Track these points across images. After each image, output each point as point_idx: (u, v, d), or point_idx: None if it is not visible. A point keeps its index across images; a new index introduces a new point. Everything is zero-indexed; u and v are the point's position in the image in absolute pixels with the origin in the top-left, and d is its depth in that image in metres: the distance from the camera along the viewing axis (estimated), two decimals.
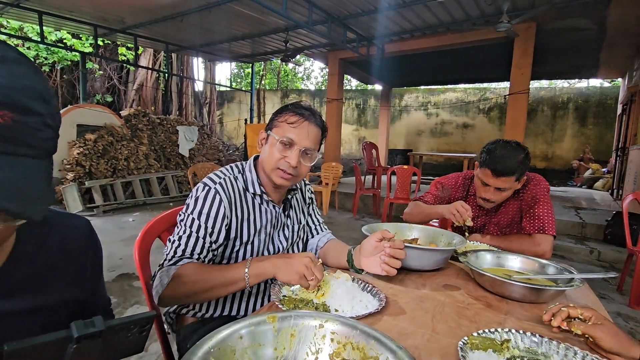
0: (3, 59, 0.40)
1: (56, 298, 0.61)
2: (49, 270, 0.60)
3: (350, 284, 0.94)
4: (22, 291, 0.56)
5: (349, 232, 4.71)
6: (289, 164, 1.01)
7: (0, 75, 0.39)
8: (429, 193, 1.75)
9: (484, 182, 1.46)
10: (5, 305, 0.54)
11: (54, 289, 0.61)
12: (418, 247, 1.10)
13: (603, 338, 0.68)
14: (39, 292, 0.58)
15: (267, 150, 1.05)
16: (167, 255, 0.95)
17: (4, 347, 0.42)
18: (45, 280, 0.60)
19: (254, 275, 0.89)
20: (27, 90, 0.41)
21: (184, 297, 0.92)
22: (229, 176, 1.05)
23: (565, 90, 10.33)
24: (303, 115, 1.03)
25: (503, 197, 1.48)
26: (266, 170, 1.05)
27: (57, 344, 0.46)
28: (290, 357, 0.57)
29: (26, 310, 0.56)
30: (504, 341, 0.71)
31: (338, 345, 0.58)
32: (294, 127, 1.01)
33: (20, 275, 0.55)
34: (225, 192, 1.01)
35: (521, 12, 5.09)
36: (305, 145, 1.02)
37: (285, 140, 1.01)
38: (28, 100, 0.41)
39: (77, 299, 0.65)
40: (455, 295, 0.99)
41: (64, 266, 0.63)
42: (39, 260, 0.58)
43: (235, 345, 0.53)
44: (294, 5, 4.98)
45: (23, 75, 0.41)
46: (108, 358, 0.53)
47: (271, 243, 1.11)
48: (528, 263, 1.12)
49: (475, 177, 1.53)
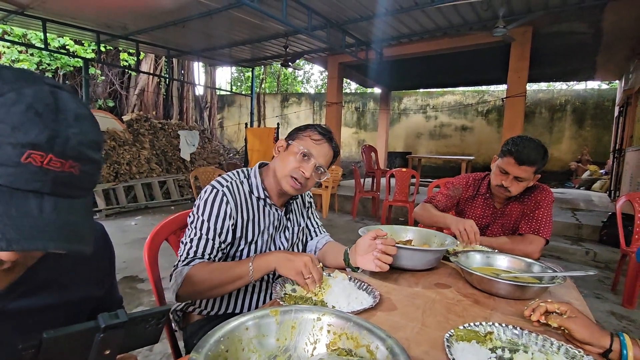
0: (77, 117, 0.46)
1: (78, 295, 0.67)
2: (71, 270, 0.67)
3: (347, 283, 1.01)
4: (47, 288, 0.62)
5: (348, 235, 4.77)
6: (303, 174, 1.09)
7: (75, 133, 0.45)
8: (440, 193, 1.78)
9: (505, 171, 1.49)
10: (34, 300, 0.60)
11: (76, 287, 0.67)
12: (411, 248, 1.17)
13: (577, 329, 0.75)
14: (62, 289, 0.65)
15: (284, 158, 1.12)
16: (181, 256, 1.03)
17: (43, 334, 0.48)
18: (68, 278, 0.66)
19: (258, 269, 0.97)
20: (91, 144, 0.48)
21: (197, 293, 1.00)
22: (235, 180, 1.13)
23: (563, 92, 10.41)
24: (325, 137, 1.13)
25: (519, 188, 1.51)
26: (278, 175, 1.12)
27: (87, 333, 0.53)
28: (291, 347, 0.64)
29: (52, 305, 0.63)
30: (487, 333, 0.77)
31: (334, 336, 0.65)
32: (316, 144, 1.11)
33: (46, 274, 0.62)
34: (231, 195, 1.08)
35: (517, 17, 5.17)
36: (320, 162, 1.12)
37: (306, 152, 1.09)
38: (92, 152, 0.48)
39: (96, 296, 0.72)
40: (445, 292, 1.05)
41: (84, 266, 0.70)
42: (62, 260, 0.65)
43: (241, 335, 0.60)
44: (294, 11, 5.07)
45: (89, 131, 0.48)
46: (128, 347, 0.59)
47: (273, 244, 1.18)
48: (515, 262, 1.19)
49: (495, 168, 1.57)
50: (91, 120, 0.50)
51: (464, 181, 1.77)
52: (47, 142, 0.43)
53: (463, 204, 1.77)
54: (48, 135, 0.43)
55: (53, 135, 0.43)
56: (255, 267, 0.97)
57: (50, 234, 0.43)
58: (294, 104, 13.56)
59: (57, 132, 0.44)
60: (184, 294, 0.98)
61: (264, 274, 0.99)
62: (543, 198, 1.57)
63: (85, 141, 0.47)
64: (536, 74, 7.91)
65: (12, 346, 0.56)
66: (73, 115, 0.46)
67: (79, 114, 0.47)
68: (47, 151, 0.43)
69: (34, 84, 0.45)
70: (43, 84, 0.46)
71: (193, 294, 1.00)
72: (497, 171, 1.55)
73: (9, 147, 0.41)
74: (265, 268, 0.98)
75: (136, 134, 6.67)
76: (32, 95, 0.44)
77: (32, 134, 0.42)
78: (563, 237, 4.76)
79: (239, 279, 0.98)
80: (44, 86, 0.46)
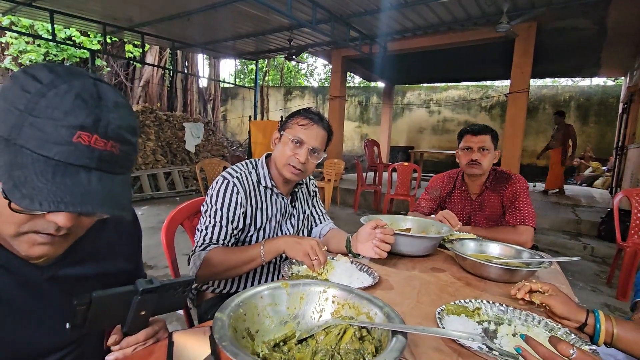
0: (116, 104, 0.55)
1: (113, 267, 0.76)
2: (108, 246, 0.75)
3: (349, 265, 1.09)
4: (89, 260, 0.71)
5: (349, 227, 4.86)
6: (298, 160, 1.16)
7: (115, 118, 0.54)
8: (422, 199, 1.94)
9: (468, 147, 1.71)
10: (77, 270, 0.69)
11: (112, 260, 0.76)
12: (409, 235, 1.25)
13: (556, 305, 0.83)
14: (101, 261, 0.73)
15: (280, 148, 1.20)
16: (197, 242, 1.12)
17: (93, 294, 0.57)
18: (106, 253, 0.75)
19: (268, 252, 1.05)
20: (129, 128, 0.56)
21: (214, 275, 1.10)
22: (244, 171, 1.21)
23: (568, 88, 10.38)
24: (312, 119, 1.19)
25: (488, 160, 1.69)
26: (278, 165, 1.20)
27: (127, 295, 0.61)
28: (300, 315, 0.72)
29: (91, 275, 0.71)
30: (476, 309, 0.86)
31: (338, 306, 0.73)
32: (304, 129, 1.17)
33: (88, 248, 0.70)
34: (241, 184, 1.16)
35: (522, 12, 5.18)
36: (313, 145, 1.18)
37: (296, 140, 1.16)
38: (129, 135, 0.56)
39: (126, 270, 0.80)
40: (440, 276, 1.13)
41: (119, 243, 0.78)
42: (102, 237, 0.73)
43: (257, 303, 0.68)
44: (298, 5, 5.10)
45: (126, 117, 0.56)
46: (160, 310, 0.68)
47: (280, 230, 1.27)
48: (506, 249, 1.27)
49: (460, 152, 1.76)
50: (128, 108, 0.58)
51: (439, 181, 1.91)
52: (93, 124, 0.51)
53: (444, 202, 1.89)
54: (93, 118, 0.51)
55: (97, 119, 0.52)
56: (267, 250, 1.06)
57: (97, 201, 0.52)
58: (297, 97, 13.59)
59: (100, 116, 0.52)
60: (203, 275, 1.08)
61: (274, 257, 1.08)
62: (519, 188, 1.68)
63: (123, 125, 0.55)
64: (540, 70, 7.90)
65: (61, 307, 0.65)
66: (112, 103, 0.55)
67: (117, 102, 0.56)
68: (92, 132, 0.51)
69: (80, 77, 0.53)
70: (87, 77, 0.54)
71: (210, 275, 1.09)
72: (463, 153, 1.74)
73: (62, 129, 0.49)
74: (276, 251, 1.06)
75: (142, 125, 6.75)
76: (80, 86, 0.52)
77: (81, 118, 0.50)
78: (562, 232, 4.83)
79: (252, 261, 1.07)
80: (88, 79, 0.54)
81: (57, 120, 0.49)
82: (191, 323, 1.24)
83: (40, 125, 0.49)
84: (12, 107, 0.50)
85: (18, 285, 0.61)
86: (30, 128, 0.49)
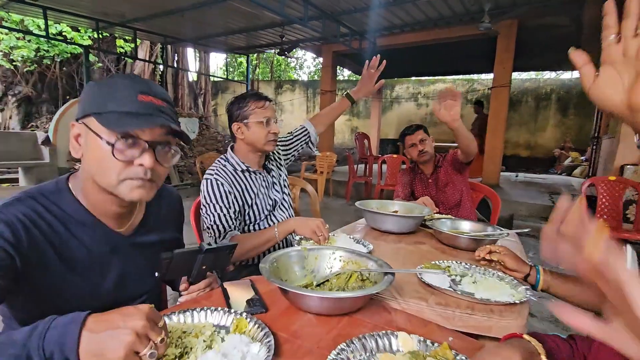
0: (156, 85, 0.80)
1: (169, 236, 0.99)
2: (164, 219, 0.98)
3: (347, 239, 1.34)
4: (155, 230, 0.94)
5: (342, 216, 5.13)
6: (274, 133, 1.42)
7: (157, 87, 0.79)
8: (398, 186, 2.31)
9: (412, 144, 2.13)
10: (150, 237, 0.91)
11: (168, 231, 0.99)
12: (396, 215, 1.51)
13: (508, 261, 1.09)
14: (162, 232, 0.96)
15: (253, 133, 1.43)
16: (214, 237, 1.35)
17: (174, 251, 0.80)
18: (164, 225, 0.97)
19: (282, 232, 1.29)
20: (166, 94, 0.81)
21: (240, 256, 1.33)
22: (219, 166, 1.46)
23: (549, 81, 10.78)
24: (266, 99, 1.45)
25: (429, 147, 2.14)
26: (259, 146, 1.44)
27: (195, 253, 0.85)
28: (315, 270, 0.97)
29: (158, 241, 0.94)
30: (447, 267, 1.12)
31: (343, 262, 0.98)
32: (265, 109, 1.42)
33: (152, 221, 0.93)
34: (222, 177, 1.41)
35: (504, 10, 5.46)
36: (276, 117, 1.44)
37: (265, 120, 1.41)
38: (169, 98, 0.81)
39: (177, 238, 1.04)
40: (421, 247, 1.40)
41: (171, 217, 1.01)
42: (160, 213, 0.96)
43: (286, 260, 0.93)
44: (290, 2, 5.27)
45: (163, 91, 0.81)
46: (214, 266, 0.92)
47: (269, 198, 1.52)
48: (474, 226, 1.54)
49: (409, 150, 2.18)
50: (162, 88, 0.84)
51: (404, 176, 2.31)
52: (149, 90, 0.77)
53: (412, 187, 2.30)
54: (147, 87, 0.77)
55: (149, 87, 0.77)
56: (280, 231, 1.30)
57: (167, 122, 0.77)
58: (288, 91, 13.72)
59: (150, 85, 0.78)
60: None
61: (287, 235, 1.32)
62: (448, 156, 2.17)
63: (163, 92, 0.81)
64: (522, 64, 8.24)
65: (139, 265, 0.88)
66: (154, 84, 0.81)
67: (156, 85, 0.82)
68: (148, 94, 0.76)
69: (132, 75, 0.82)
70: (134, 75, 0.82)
71: (236, 256, 1.31)
72: (411, 149, 2.16)
73: (132, 93, 0.74)
74: (288, 230, 1.30)
75: None
76: (132, 75, 0.80)
77: (139, 87, 0.76)
78: (540, 217, 5.19)
79: (269, 242, 1.31)
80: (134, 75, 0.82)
81: (129, 89, 0.75)
82: None
83: (118, 96, 0.74)
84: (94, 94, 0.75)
85: (109, 249, 0.84)
86: (112, 100, 0.74)
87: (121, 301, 0.87)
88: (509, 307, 0.90)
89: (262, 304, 0.84)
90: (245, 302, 0.85)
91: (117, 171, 0.73)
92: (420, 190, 2.25)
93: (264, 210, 1.48)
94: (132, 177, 0.74)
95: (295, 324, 0.77)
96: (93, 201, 0.80)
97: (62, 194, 0.79)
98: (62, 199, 0.78)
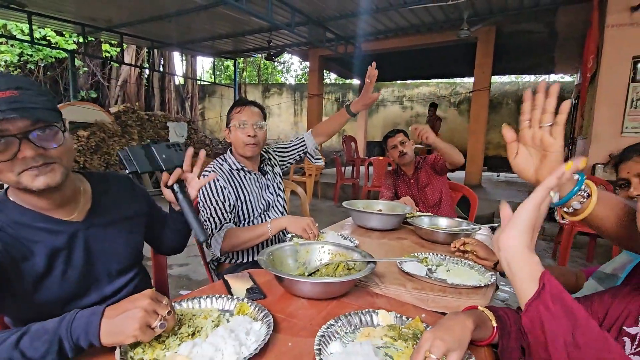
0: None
1: (132, 212, 1.02)
2: (117, 199, 1.00)
3: (336, 236, 1.46)
4: (110, 210, 0.96)
5: (331, 218, 5.25)
6: (249, 135, 1.51)
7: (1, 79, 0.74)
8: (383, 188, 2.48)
9: (393, 146, 2.31)
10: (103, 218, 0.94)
11: (127, 208, 1.01)
12: (380, 213, 1.64)
13: (479, 251, 1.23)
14: (119, 209, 0.98)
15: (234, 137, 1.55)
16: (211, 228, 1.44)
17: (124, 148, 0.91)
18: (119, 204, 1.00)
19: (274, 228, 1.40)
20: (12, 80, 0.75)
21: (234, 246, 1.42)
22: (217, 164, 1.58)
23: (528, 84, 11.19)
24: (244, 104, 1.56)
25: (409, 148, 2.30)
26: (239, 150, 1.55)
27: (145, 147, 0.96)
28: (307, 261, 1.09)
29: (117, 219, 0.97)
30: (424, 258, 1.25)
31: (331, 255, 1.10)
32: (242, 113, 1.53)
33: (104, 202, 0.96)
34: (218, 173, 1.51)
35: (482, 18, 5.70)
36: (253, 121, 1.53)
37: (240, 123, 1.52)
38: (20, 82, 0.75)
39: (145, 211, 1.08)
40: (403, 242, 1.53)
41: (126, 197, 1.03)
42: (109, 194, 0.99)
43: (281, 253, 1.04)
44: (278, 9, 5.39)
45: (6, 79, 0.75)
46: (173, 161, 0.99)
47: (262, 199, 1.62)
48: (450, 222, 1.68)
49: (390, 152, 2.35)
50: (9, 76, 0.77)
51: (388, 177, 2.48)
52: None
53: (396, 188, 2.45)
54: None
55: None
56: (273, 227, 1.40)
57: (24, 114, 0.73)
58: (275, 95, 13.80)
59: None
60: (225, 247, 1.40)
61: (278, 231, 1.43)
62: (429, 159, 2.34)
63: (8, 82, 0.73)
64: (501, 68, 8.56)
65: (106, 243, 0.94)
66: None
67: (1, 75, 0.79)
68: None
69: None
70: None
71: (231, 247, 1.42)
72: (392, 151, 2.33)
73: None
74: (279, 227, 1.41)
75: (124, 125, 6.84)
76: None
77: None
78: None
79: (262, 236, 1.41)
80: None
81: None
82: None
83: None
84: None
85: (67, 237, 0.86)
86: None
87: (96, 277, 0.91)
88: (476, 290, 1.03)
89: (261, 291, 0.95)
90: (245, 290, 0.96)
91: (10, 169, 0.74)
92: (403, 190, 2.40)
93: (256, 208, 1.58)
94: (24, 168, 0.74)
95: (290, 307, 0.89)
96: (28, 201, 0.83)
97: (6, 204, 0.82)
98: (8, 209, 0.82)
